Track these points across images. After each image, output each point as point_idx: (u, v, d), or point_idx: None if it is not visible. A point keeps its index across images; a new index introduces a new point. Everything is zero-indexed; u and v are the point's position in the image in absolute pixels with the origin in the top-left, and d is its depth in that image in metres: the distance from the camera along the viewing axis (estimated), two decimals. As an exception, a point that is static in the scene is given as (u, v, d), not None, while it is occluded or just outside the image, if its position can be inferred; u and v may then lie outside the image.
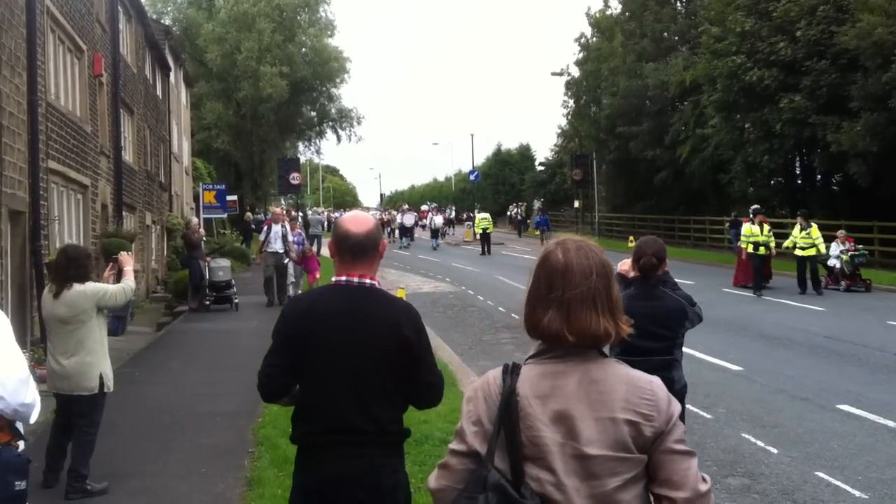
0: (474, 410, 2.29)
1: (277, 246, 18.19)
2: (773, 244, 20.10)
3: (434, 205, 52.31)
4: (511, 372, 2.28)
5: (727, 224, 36.41)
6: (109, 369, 6.69)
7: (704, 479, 2.19)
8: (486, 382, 2.33)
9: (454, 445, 2.32)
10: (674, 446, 2.17)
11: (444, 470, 2.32)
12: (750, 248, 20.02)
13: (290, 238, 18.62)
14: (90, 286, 6.54)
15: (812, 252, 19.72)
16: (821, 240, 19.88)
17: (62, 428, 6.68)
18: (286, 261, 18.33)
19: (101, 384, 6.53)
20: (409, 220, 43.51)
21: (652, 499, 2.21)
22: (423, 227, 49.94)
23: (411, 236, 43.62)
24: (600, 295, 2.25)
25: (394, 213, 53.18)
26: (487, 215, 38.38)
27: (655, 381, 2.25)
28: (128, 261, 7.01)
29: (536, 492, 2.16)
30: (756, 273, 19.80)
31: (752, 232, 20.08)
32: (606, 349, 2.37)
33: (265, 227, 19.20)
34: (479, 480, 2.19)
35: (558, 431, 2.18)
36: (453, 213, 58.85)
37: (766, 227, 20.23)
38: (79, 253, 6.88)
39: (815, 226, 20.16)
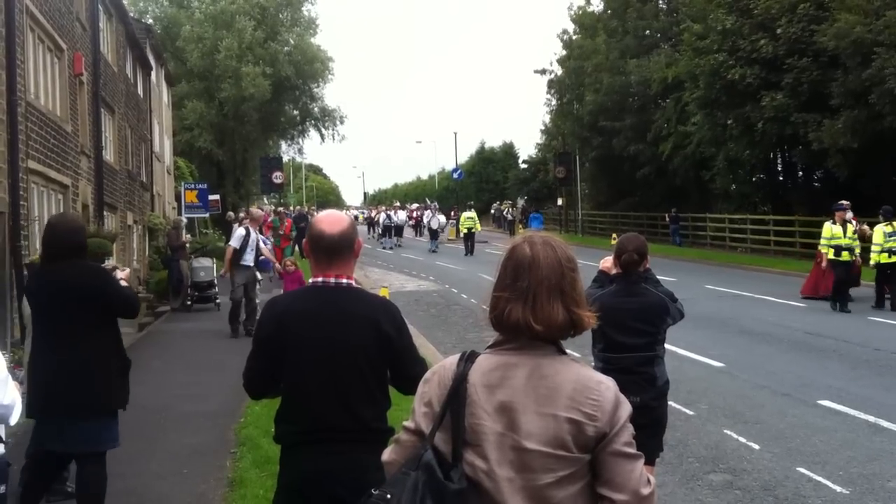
0: (427, 392, 2.39)
1: (251, 259, 14.49)
2: (857, 248, 16.69)
3: (434, 203, 51.12)
4: (466, 359, 2.36)
5: (667, 218, 36.88)
6: None
7: (648, 482, 2.23)
8: (443, 367, 2.41)
9: (405, 422, 2.43)
10: (619, 448, 2.21)
11: (396, 445, 2.45)
12: (831, 254, 16.52)
13: (264, 246, 15.27)
14: None
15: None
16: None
17: None
18: (260, 279, 15.20)
19: None
20: (401, 217, 43.05)
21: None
22: (412, 226, 49.54)
23: (401, 235, 43.15)
24: (566, 286, 2.30)
25: (381, 208, 52.39)
26: (473, 214, 36.79)
27: (606, 383, 2.27)
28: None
29: (470, 477, 2.23)
30: (838, 283, 16.51)
31: (834, 234, 16.48)
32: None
33: (237, 233, 14.71)
34: (416, 458, 2.28)
35: (500, 422, 2.24)
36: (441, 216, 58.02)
37: (851, 227, 16.65)
38: None
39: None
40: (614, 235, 33.25)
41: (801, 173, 33.08)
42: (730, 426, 8.39)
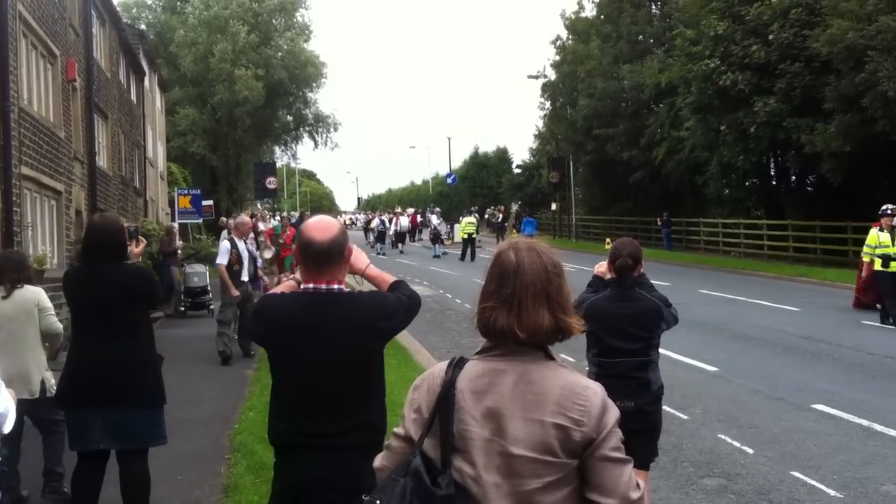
0: (417, 399, 2.40)
1: (246, 274, 12.69)
2: None
3: (437, 209, 50.84)
4: (455, 365, 2.36)
5: (659, 222, 37.07)
6: (50, 373, 6.42)
7: (637, 486, 2.23)
8: (432, 373, 2.43)
9: (396, 429, 2.44)
10: (607, 453, 2.21)
11: (387, 451, 2.47)
12: (878, 264, 14.90)
13: (259, 260, 13.72)
14: (31, 289, 6.41)
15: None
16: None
17: (12, 440, 6.36)
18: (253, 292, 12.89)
19: (44, 388, 6.33)
20: (403, 224, 42.91)
21: None
22: (410, 231, 49.51)
23: (404, 242, 42.94)
24: (552, 292, 2.30)
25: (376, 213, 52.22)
26: (473, 219, 36.31)
27: (593, 388, 2.28)
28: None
29: (458, 483, 2.24)
30: (888, 295, 14.92)
31: (882, 242, 14.87)
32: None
33: (222, 248, 12.74)
34: (405, 465, 2.30)
35: (487, 427, 2.25)
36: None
37: None
38: (21, 257, 6.84)
39: None
40: (608, 240, 33.28)
41: (794, 178, 33.17)
42: (724, 430, 8.40)
